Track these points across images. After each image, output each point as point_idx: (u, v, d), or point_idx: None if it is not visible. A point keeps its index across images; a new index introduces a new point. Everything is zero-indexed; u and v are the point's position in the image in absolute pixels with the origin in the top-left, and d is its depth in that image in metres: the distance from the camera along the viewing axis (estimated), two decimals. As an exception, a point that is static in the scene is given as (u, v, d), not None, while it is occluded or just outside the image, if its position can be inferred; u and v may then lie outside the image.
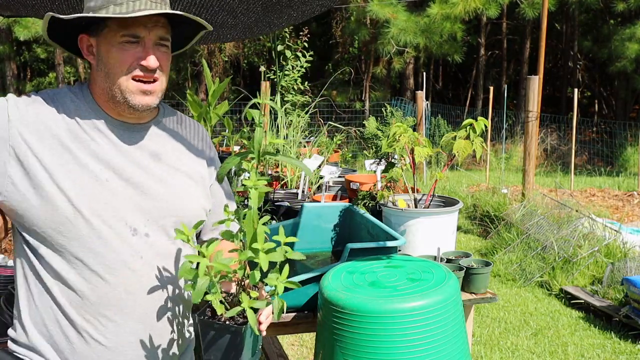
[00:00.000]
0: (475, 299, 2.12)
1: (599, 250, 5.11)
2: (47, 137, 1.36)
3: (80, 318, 1.39)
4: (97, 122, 1.43)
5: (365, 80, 15.17)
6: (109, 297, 1.39)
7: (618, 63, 12.86)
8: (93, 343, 1.40)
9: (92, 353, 1.40)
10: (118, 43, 1.37)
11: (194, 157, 1.56)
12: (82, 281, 1.37)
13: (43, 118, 1.37)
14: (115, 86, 1.39)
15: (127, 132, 1.46)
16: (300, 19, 2.70)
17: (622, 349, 3.97)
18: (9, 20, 10.99)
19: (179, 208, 1.46)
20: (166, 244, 1.45)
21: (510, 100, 15.27)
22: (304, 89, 4.19)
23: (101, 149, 1.41)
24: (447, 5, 11.55)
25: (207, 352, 1.32)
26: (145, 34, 1.37)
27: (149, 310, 1.43)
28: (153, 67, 1.38)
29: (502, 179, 8.93)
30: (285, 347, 3.84)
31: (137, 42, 1.38)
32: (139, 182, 1.43)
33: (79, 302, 1.38)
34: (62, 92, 1.45)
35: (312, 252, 2.47)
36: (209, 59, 15.18)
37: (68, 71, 17.33)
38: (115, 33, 1.37)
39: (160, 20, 1.40)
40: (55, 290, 1.39)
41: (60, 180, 1.34)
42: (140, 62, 1.38)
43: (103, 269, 1.37)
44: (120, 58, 1.37)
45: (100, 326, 1.40)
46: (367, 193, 2.65)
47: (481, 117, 2.39)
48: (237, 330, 1.29)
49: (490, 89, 10.16)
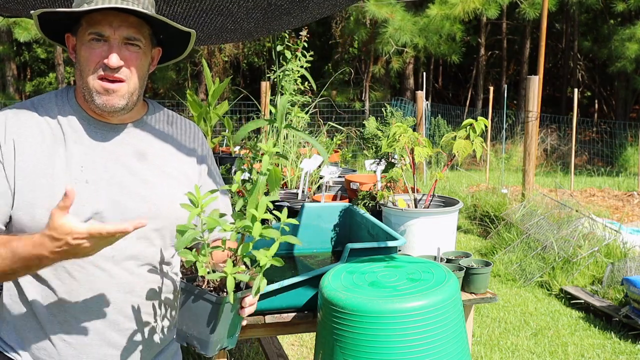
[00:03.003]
0: (475, 299, 2.12)
1: (599, 250, 5.11)
2: (31, 147, 1.38)
3: (48, 313, 1.39)
4: (80, 124, 1.43)
5: (365, 80, 15.17)
6: (75, 295, 1.39)
7: (618, 63, 12.87)
8: (57, 339, 1.40)
9: (55, 350, 1.41)
10: (87, 41, 1.38)
11: (182, 157, 1.54)
12: (52, 276, 1.38)
13: (25, 132, 1.39)
14: (84, 84, 1.40)
15: (110, 132, 1.45)
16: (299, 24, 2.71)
17: (622, 349, 3.97)
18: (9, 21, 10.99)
19: (160, 210, 1.45)
20: (141, 247, 1.44)
21: (510, 100, 15.27)
22: (304, 89, 4.18)
23: (82, 150, 1.41)
24: (447, 5, 11.55)
25: (180, 319, 1.28)
26: (110, 33, 1.37)
27: (116, 311, 1.42)
28: (113, 66, 1.37)
29: (502, 179, 8.93)
30: (285, 347, 3.84)
31: (103, 41, 1.38)
32: (121, 183, 1.42)
33: (48, 297, 1.39)
34: (48, 98, 1.47)
35: (312, 252, 2.47)
36: (209, 59, 15.18)
37: (68, 71, 17.30)
38: (85, 31, 1.38)
39: (129, 20, 1.39)
40: (27, 284, 1.40)
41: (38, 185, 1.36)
42: (104, 60, 1.37)
43: (71, 266, 1.37)
44: (87, 56, 1.38)
45: (65, 324, 1.40)
46: (367, 193, 2.65)
47: (481, 117, 2.38)
48: (215, 300, 1.24)
49: (490, 89, 10.17)
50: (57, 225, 1.21)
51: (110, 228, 1.21)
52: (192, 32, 1.47)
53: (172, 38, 1.51)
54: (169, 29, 1.46)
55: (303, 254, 2.44)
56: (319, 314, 1.79)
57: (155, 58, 1.52)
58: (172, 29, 1.46)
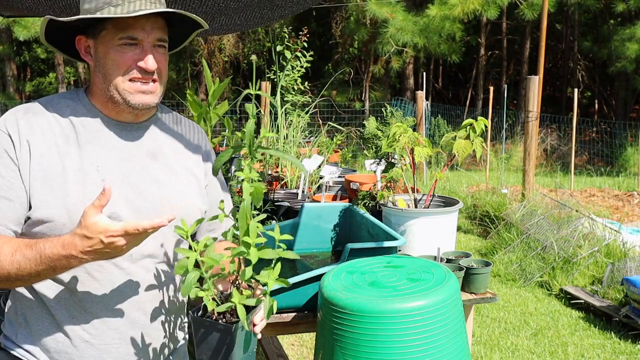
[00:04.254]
0: (475, 299, 2.12)
1: (599, 250, 5.11)
2: (43, 147, 1.37)
3: (68, 315, 1.39)
4: (94, 123, 1.44)
5: (365, 80, 15.17)
6: (96, 295, 1.39)
7: (618, 63, 12.86)
8: (78, 340, 1.40)
9: (76, 351, 1.41)
10: (116, 45, 1.37)
11: (189, 156, 1.57)
12: (71, 278, 1.38)
13: (37, 132, 1.38)
14: (112, 87, 1.40)
15: (124, 131, 1.47)
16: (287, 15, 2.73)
17: (622, 349, 3.97)
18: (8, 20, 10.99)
19: (174, 208, 1.46)
20: (156, 244, 1.45)
21: (510, 100, 15.27)
22: (304, 89, 4.18)
23: (98, 150, 1.42)
24: (446, 6, 11.55)
25: (198, 350, 1.30)
26: (143, 36, 1.38)
27: (135, 309, 1.43)
28: (151, 69, 1.38)
29: (502, 179, 8.93)
30: (285, 347, 3.84)
31: (135, 44, 1.38)
32: (135, 182, 1.43)
33: (68, 299, 1.39)
34: (57, 99, 1.46)
35: (312, 252, 2.47)
36: (209, 59, 15.18)
37: (68, 71, 17.31)
38: (113, 35, 1.37)
39: (158, 22, 1.40)
40: (43, 288, 1.39)
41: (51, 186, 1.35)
42: (138, 63, 1.38)
43: (90, 266, 1.37)
44: (118, 60, 1.38)
45: (85, 324, 1.40)
46: (367, 193, 2.65)
47: (481, 117, 2.39)
48: (226, 329, 1.26)
49: (490, 89, 10.16)
50: (90, 223, 1.20)
51: (146, 224, 1.20)
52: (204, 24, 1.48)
53: (173, 35, 1.53)
54: (177, 27, 1.48)
55: (303, 254, 2.44)
56: (319, 314, 1.80)
57: None
58: (178, 27, 1.48)
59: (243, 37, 15.89)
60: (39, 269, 1.27)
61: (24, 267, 1.28)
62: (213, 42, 15.17)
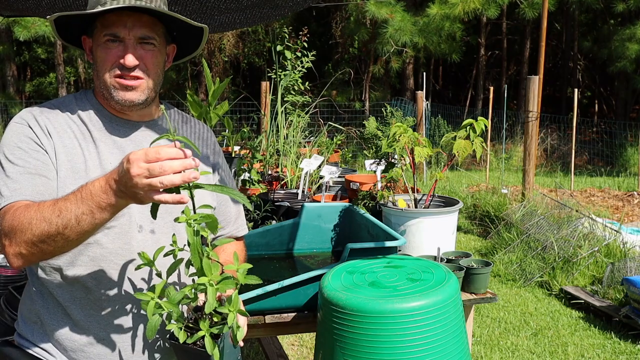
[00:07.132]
0: (475, 299, 2.12)
1: (599, 250, 5.11)
2: (66, 139, 1.41)
3: (83, 314, 1.41)
4: (103, 122, 1.47)
5: (365, 80, 15.17)
6: (112, 293, 1.41)
7: (618, 63, 12.85)
8: (94, 339, 1.42)
9: (92, 349, 1.42)
10: (102, 42, 1.41)
11: (198, 154, 1.58)
12: (88, 277, 1.39)
13: (57, 126, 1.42)
14: (102, 83, 1.43)
15: (132, 129, 1.49)
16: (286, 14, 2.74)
17: (622, 349, 3.97)
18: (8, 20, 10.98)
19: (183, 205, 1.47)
20: (169, 242, 1.45)
21: (510, 100, 15.28)
22: (304, 89, 4.18)
23: (108, 149, 1.44)
24: (447, 6, 11.55)
25: None
26: (125, 34, 1.40)
27: None
28: (129, 65, 1.40)
29: (502, 179, 8.93)
30: (285, 347, 3.84)
31: (118, 42, 1.41)
32: None
33: (83, 298, 1.40)
34: (67, 99, 1.50)
35: (312, 252, 2.47)
36: (209, 59, 15.17)
37: (68, 71, 17.31)
38: (100, 33, 1.41)
39: (142, 19, 1.42)
40: (58, 288, 1.40)
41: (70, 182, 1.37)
42: (120, 60, 1.41)
43: (107, 264, 1.39)
44: (103, 57, 1.42)
45: (101, 322, 1.42)
46: (367, 193, 2.65)
47: (481, 117, 2.38)
48: (202, 354, 1.27)
49: (490, 89, 10.16)
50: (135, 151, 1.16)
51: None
52: (205, 28, 1.50)
53: (185, 34, 1.55)
54: (181, 26, 1.49)
55: (303, 254, 2.44)
56: (319, 314, 1.80)
57: (171, 55, 1.56)
58: (184, 26, 1.48)
59: (243, 37, 15.89)
60: (78, 212, 1.21)
61: (65, 213, 1.22)
62: (213, 42, 15.17)
